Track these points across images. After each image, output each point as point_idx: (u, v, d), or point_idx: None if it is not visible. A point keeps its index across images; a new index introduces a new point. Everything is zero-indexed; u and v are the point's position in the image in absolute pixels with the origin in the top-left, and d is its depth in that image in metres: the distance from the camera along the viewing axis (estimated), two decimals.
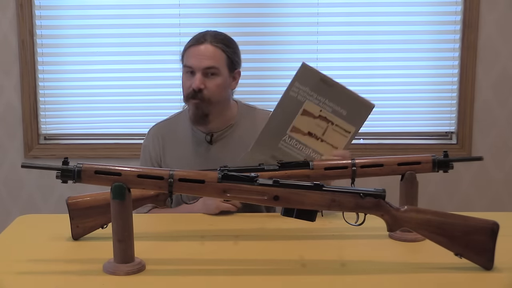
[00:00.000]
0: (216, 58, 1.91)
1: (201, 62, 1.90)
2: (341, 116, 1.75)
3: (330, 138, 1.76)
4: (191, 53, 1.92)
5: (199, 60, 1.90)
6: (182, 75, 1.97)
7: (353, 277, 1.40)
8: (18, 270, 1.41)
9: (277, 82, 2.79)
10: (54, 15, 2.74)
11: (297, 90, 1.76)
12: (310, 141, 1.76)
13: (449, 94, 2.80)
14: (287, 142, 1.77)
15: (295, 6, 2.73)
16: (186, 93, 1.95)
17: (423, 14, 2.74)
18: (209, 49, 1.91)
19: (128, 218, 1.37)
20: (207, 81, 1.91)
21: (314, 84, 1.75)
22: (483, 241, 1.39)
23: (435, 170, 1.65)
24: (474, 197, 2.85)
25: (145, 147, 2.07)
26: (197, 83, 1.90)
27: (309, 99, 1.76)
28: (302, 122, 1.76)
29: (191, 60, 1.91)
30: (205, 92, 1.91)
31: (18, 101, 2.77)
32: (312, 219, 1.42)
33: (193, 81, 1.91)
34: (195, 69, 1.91)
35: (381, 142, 2.81)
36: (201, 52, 1.91)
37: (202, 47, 1.91)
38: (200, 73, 1.90)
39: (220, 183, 1.38)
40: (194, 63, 1.91)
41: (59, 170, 1.35)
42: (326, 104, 1.75)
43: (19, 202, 2.85)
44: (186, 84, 1.94)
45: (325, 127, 1.76)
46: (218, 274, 1.40)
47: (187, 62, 1.93)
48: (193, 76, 1.92)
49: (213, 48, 1.91)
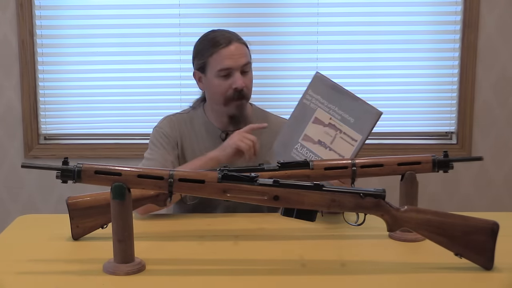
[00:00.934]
0: (247, 54, 1.93)
1: (238, 61, 1.89)
2: (349, 124, 1.75)
3: (338, 146, 1.76)
4: (224, 55, 1.88)
5: (236, 59, 1.89)
6: (212, 80, 1.92)
7: (353, 277, 1.40)
8: (18, 270, 1.41)
9: (277, 82, 2.79)
10: (54, 15, 2.74)
11: (310, 98, 1.80)
12: (319, 150, 1.77)
13: (449, 94, 2.80)
14: (299, 150, 1.80)
15: (295, 6, 2.73)
16: (225, 96, 1.91)
17: (423, 14, 2.74)
18: (239, 47, 1.91)
19: (128, 218, 1.37)
20: (244, 79, 1.92)
21: (325, 92, 1.78)
22: (483, 241, 1.39)
23: (435, 170, 1.65)
24: (474, 197, 2.85)
25: (160, 129, 1.99)
26: (241, 82, 1.89)
27: (320, 107, 1.78)
28: (313, 130, 1.78)
29: (226, 62, 1.88)
30: (245, 90, 1.92)
31: (18, 101, 2.77)
32: (312, 219, 1.42)
33: (232, 82, 1.89)
34: (234, 69, 1.89)
35: (381, 142, 2.80)
36: (235, 52, 1.89)
37: (232, 46, 1.89)
38: (238, 72, 1.89)
39: (220, 183, 1.38)
40: (231, 63, 1.88)
41: (59, 170, 1.36)
42: (336, 112, 1.76)
43: (19, 202, 2.85)
44: (223, 87, 1.90)
45: (333, 135, 1.76)
46: (218, 274, 1.40)
47: (223, 65, 1.88)
48: (228, 78, 1.89)
49: (241, 45, 1.92)
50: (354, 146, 1.73)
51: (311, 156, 1.77)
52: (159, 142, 1.97)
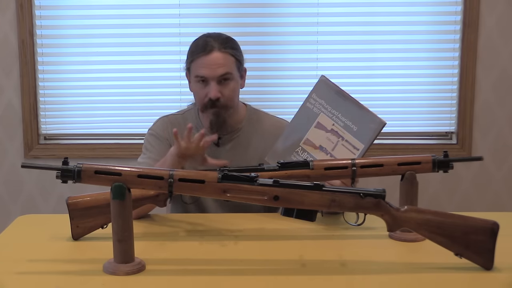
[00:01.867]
0: (227, 64, 1.87)
1: (214, 72, 1.85)
2: (351, 131, 1.74)
3: (339, 153, 1.75)
4: (201, 63, 1.86)
5: (212, 69, 1.85)
6: (193, 84, 1.92)
7: (353, 277, 1.40)
8: (18, 270, 1.41)
9: (277, 82, 2.79)
10: (54, 15, 2.74)
11: (313, 102, 1.79)
12: (320, 155, 1.77)
13: (449, 94, 2.80)
14: (299, 154, 1.79)
15: (295, 6, 2.73)
16: (202, 103, 1.90)
17: (423, 14, 2.74)
18: (219, 56, 1.86)
19: (128, 218, 1.37)
20: (222, 88, 1.87)
21: (329, 97, 1.77)
22: (483, 241, 1.39)
23: (435, 170, 1.65)
24: (474, 197, 2.85)
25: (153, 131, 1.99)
26: (214, 93, 1.85)
27: (324, 112, 1.78)
28: (315, 135, 1.78)
29: (202, 71, 1.86)
30: (222, 100, 1.87)
31: (18, 101, 2.77)
32: (312, 219, 1.42)
33: (208, 91, 1.87)
34: (209, 79, 1.86)
35: (381, 142, 2.80)
36: (212, 61, 1.85)
37: (211, 56, 1.85)
38: (214, 82, 1.86)
39: (220, 183, 1.38)
40: (206, 73, 1.85)
41: (59, 170, 1.36)
42: (339, 118, 1.76)
43: (19, 202, 2.85)
44: (201, 94, 1.89)
45: (335, 142, 1.76)
46: (218, 274, 1.40)
47: (199, 73, 1.87)
48: (206, 85, 1.87)
49: (223, 54, 1.86)
50: (355, 154, 1.72)
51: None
52: (151, 145, 1.97)
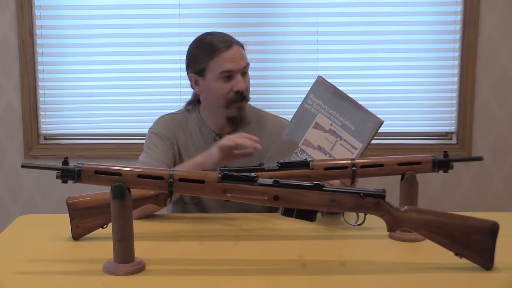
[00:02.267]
0: (245, 56, 1.93)
1: (239, 64, 1.89)
2: (349, 131, 1.75)
3: (338, 153, 1.75)
4: (225, 58, 1.88)
5: (237, 62, 1.88)
6: (213, 83, 1.90)
7: (353, 277, 1.40)
8: (18, 270, 1.41)
9: (277, 82, 2.79)
10: (54, 15, 2.74)
11: (311, 102, 1.80)
12: (319, 156, 1.77)
13: (449, 94, 2.80)
14: (298, 155, 1.80)
15: (295, 6, 2.73)
16: (227, 99, 1.90)
17: (423, 14, 2.74)
18: (239, 49, 1.91)
19: (128, 218, 1.37)
20: (245, 81, 1.92)
21: (327, 97, 1.78)
22: (483, 241, 1.39)
23: (435, 170, 1.65)
24: (474, 197, 2.85)
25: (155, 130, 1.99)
26: (243, 85, 1.89)
27: (321, 112, 1.78)
28: (313, 135, 1.79)
29: (228, 65, 1.88)
30: (245, 92, 1.91)
31: (18, 101, 2.77)
32: (312, 219, 1.42)
33: (233, 84, 1.88)
34: (235, 72, 1.88)
35: (381, 142, 2.80)
36: (235, 54, 1.89)
37: (233, 49, 1.89)
38: (239, 74, 1.89)
39: (220, 183, 1.38)
40: (233, 66, 1.88)
41: (59, 170, 1.36)
42: (337, 118, 1.77)
43: (19, 202, 2.85)
44: (225, 90, 1.89)
45: (334, 142, 1.77)
46: (218, 274, 1.40)
47: (224, 68, 1.88)
48: (229, 80, 1.89)
49: (240, 47, 1.92)
50: (354, 154, 1.73)
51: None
52: (153, 144, 1.96)
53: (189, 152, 1.97)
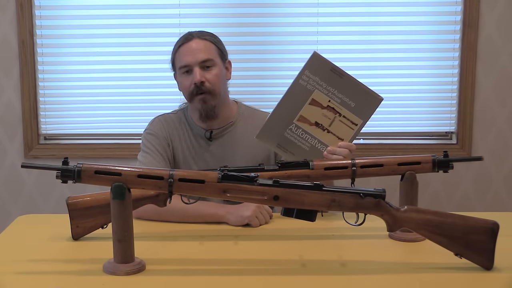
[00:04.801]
0: (208, 50, 1.93)
1: (196, 57, 1.91)
2: (349, 107, 1.75)
3: (337, 129, 1.76)
4: (183, 51, 1.93)
5: (194, 55, 1.91)
6: (179, 80, 1.98)
7: (353, 277, 1.40)
8: (18, 270, 1.41)
9: (277, 82, 2.79)
10: (54, 15, 2.74)
11: (306, 79, 1.77)
12: (316, 132, 1.77)
13: (449, 94, 2.80)
14: (293, 131, 1.77)
15: (295, 6, 2.73)
16: (189, 92, 1.94)
17: (423, 14, 2.74)
18: (199, 43, 1.93)
19: (128, 218, 1.37)
20: (206, 74, 1.92)
21: (324, 74, 1.76)
22: (483, 241, 1.39)
23: (435, 170, 1.65)
24: (474, 197, 2.85)
25: (151, 131, 2.01)
26: (198, 77, 1.90)
27: (318, 88, 1.76)
28: (309, 111, 1.76)
29: (185, 58, 1.92)
30: (206, 84, 1.92)
31: (18, 101, 2.77)
32: (312, 219, 1.42)
33: (192, 78, 1.91)
34: (192, 65, 1.91)
35: (381, 142, 2.80)
36: (193, 48, 1.92)
37: (192, 43, 1.93)
38: (197, 68, 1.91)
39: (220, 183, 1.38)
40: (189, 60, 1.91)
41: (59, 170, 1.36)
42: (335, 95, 1.76)
43: (19, 202, 2.85)
44: (186, 84, 1.94)
45: (332, 118, 1.76)
46: (218, 274, 1.40)
47: (182, 62, 1.93)
48: (190, 75, 1.92)
49: (203, 41, 1.94)
50: (354, 130, 1.75)
51: (307, 137, 1.76)
52: (150, 144, 1.99)
53: (183, 150, 2.00)
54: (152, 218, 1.79)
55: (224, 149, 2.00)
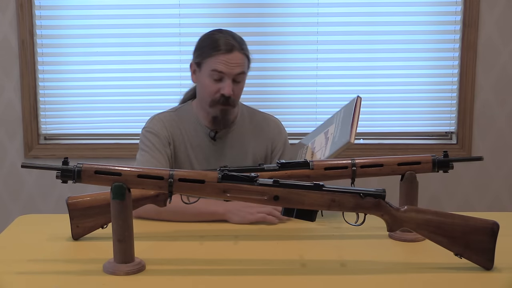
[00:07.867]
0: (243, 64, 1.93)
1: (232, 70, 1.89)
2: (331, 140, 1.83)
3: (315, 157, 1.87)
4: (221, 59, 1.89)
5: (231, 67, 1.89)
6: (204, 77, 1.93)
7: (353, 277, 1.40)
8: (18, 270, 1.41)
9: (277, 82, 2.80)
10: (54, 15, 2.74)
11: (339, 114, 1.89)
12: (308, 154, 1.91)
13: (449, 94, 2.80)
14: (303, 151, 1.92)
15: (295, 6, 2.73)
16: (213, 98, 1.92)
17: (423, 14, 2.74)
18: (239, 56, 1.91)
19: (128, 218, 1.37)
20: (235, 88, 1.92)
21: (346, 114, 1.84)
22: (483, 241, 1.39)
23: (435, 170, 1.65)
24: (474, 197, 2.85)
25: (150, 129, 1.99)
26: (228, 90, 1.89)
27: (335, 123, 1.87)
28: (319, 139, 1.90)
29: (221, 67, 1.89)
30: (232, 98, 1.92)
31: (18, 101, 2.76)
32: (312, 219, 1.42)
33: (222, 87, 1.90)
34: (226, 76, 1.90)
35: (381, 142, 2.80)
36: (232, 60, 1.89)
37: (232, 55, 1.90)
38: (230, 80, 1.90)
39: (220, 183, 1.38)
40: (225, 70, 1.89)
41: (59, 170, 1.36)
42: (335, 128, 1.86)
43: (19, 202, 2.85)
44: (212, 88, 1.91)
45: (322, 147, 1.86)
46: (218, 274, 1.40)
47: (217, 67, 1.89)
48: (220, 82, 1.90)
49: (241, 55, 1.92)
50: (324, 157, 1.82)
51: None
52: (150, 142, 1.97)
53: (186, 149, 1.99)
54: (152, 218, 1.79)
55: (226, 149, 2.00)
